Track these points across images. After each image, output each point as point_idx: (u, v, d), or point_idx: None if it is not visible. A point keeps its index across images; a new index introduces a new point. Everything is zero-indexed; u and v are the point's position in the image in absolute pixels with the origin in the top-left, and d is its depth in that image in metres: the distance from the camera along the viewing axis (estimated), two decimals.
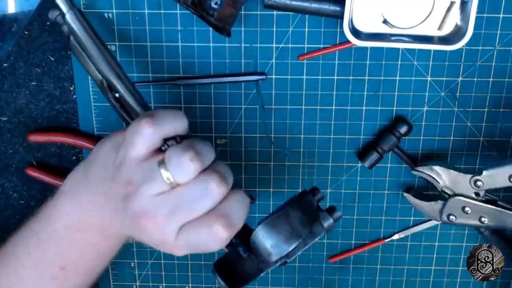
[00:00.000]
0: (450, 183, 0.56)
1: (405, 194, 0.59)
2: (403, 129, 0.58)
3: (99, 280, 0.56)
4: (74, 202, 0.49)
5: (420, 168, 0.57)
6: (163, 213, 0.43)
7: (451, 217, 0.56)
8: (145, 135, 0.43)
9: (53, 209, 0.50)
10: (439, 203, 0.57)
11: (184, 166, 0.42)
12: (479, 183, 0.54)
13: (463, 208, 0.56)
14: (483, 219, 0.56)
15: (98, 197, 0.47)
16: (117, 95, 0.48)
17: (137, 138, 0.43)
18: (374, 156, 0.58)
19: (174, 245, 0.44)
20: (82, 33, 0.48)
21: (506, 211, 0.55)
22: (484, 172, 0.54)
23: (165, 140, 0.44)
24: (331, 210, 0.48)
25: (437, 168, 0.56)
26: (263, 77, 0.57)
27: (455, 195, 0.56)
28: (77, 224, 0.49)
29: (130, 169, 0.44)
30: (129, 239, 0.51)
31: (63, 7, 0.47)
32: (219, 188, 0.42)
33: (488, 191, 0.55)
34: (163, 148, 0.44)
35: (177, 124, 0.45)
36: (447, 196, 0.56)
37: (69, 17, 0.47)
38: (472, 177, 0.55)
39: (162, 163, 0.42)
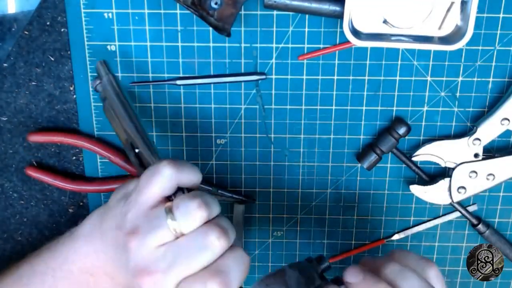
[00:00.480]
0: (451, 154, 0.58)
1: (411, 186, 0.60)
2: (402, 130, 0.57)
3: None
4: (89, 248, 0.50)
5: (420, 151, 0.58)
6: (162, 267, 0.42)
7: (461, 189, 0.58)
8: (164, 176, 0.44)
9: (70, 250, 0.52)
10: (446, 180, 0.59)
11: (191, 213, 0.42)
12: (476, 141, 0.57)
13: (470, 174, 0.58)
14: (489, 176, 0.58)
15: (109, 247, 0.48)
16: (136, 150, 0.50)
17: (155, 179, 0.44)
18: (373, 157, 0.58)
19: None
20: (113, 97, 0.51)
21: (506, 157, 0.58)
22: (478, 129, 0.57)
23: (175, 191, 0.45)
24: (338, 281, 0.47)
25: (435, 143, 0.58)
26: (263, 77, 0.57)
27: (458, 165, 0.58)
28: (90, 268, 0.50)
29: (137, 215, 0.44)
30: None
31: (102, 72, 0.53)
32: (219, 241, 0.42)
33: (485, 150, 0.58)
34: (172, 198, 0.45)
35: (194, 176, 0.46)
36: (452, 168, 0.58)
37: (105, 80, 0.52)
38: (469, 138, 0.57)
39: (169, 211, 0.43)
